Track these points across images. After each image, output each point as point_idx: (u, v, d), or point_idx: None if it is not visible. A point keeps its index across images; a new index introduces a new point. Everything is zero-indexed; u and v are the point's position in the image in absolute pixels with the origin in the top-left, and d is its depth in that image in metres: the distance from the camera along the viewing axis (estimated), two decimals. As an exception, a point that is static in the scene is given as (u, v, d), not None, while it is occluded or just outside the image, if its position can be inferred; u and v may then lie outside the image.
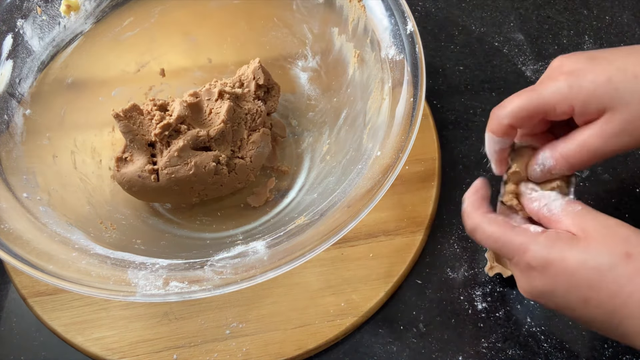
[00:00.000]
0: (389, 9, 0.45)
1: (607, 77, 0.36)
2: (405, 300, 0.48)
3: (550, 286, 0.35)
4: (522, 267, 0.36)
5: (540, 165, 0.40)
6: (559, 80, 0.37)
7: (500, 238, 0.37)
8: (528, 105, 0.38)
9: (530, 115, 0.39)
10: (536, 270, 0.35)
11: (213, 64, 0.57)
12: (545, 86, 0.38)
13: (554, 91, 0.37)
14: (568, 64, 0.38)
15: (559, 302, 0.36)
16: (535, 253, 0.35)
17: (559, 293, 0.35)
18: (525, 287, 0.37)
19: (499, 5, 0.65)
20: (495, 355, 0.45)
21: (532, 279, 0.36)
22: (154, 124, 0.46)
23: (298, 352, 0.45)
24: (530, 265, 0.36)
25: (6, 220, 0.38)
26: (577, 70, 0.37)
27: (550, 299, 0.36)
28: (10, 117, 0.44)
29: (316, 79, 0.55)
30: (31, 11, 0.47)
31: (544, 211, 0.38)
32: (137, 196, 0.48)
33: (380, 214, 0.50)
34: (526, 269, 0.36)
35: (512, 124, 0.39)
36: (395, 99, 0.42)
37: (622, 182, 0.53)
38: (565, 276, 0.35)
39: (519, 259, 0.36)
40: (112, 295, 0.35)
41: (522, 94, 0.39)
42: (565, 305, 0.35)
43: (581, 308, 0.35)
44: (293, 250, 0.37)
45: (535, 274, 0.36)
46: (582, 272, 0.34)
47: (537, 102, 0.38)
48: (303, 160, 0.53)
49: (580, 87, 0.36)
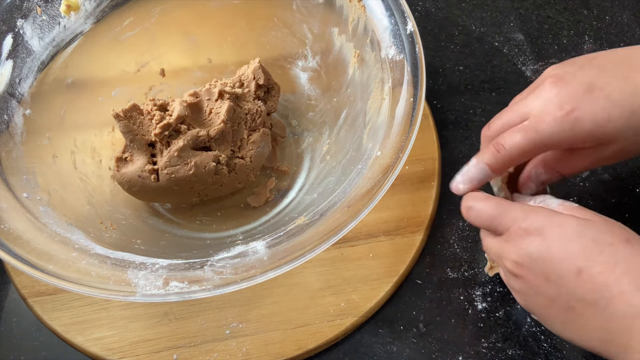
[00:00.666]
0: (389, 9, 0.45)
1: (606, 117, 0.36)
2: (405, 300, 0.48)
3: (546, 252, 0.34)
4: (518, 233, 0.36)
5: (535, 181, 0.42)
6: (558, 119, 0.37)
7: (499, 209, 0.37)
8: (532, 148, 0.38)
9: (534, 155, 0.40)
10: (534, 234, 0.35)
11: (213, 64, 0.57)
12: (544, 125, 0.37)
13: (556, 133, 0.37)
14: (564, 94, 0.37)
15: (550, 271, 0.34)
16: (535, 218, 0.35)
17: (554, 260, 0.34)
18: (516, 254, 0.36)
19: (499, 5, 0.65)
20: (495, 355, 0.45)
21: (528, 244, 0.35)
22: (154, 124, 0.46)
23: (298, 352, 0.45)
24: (527, 230, 0.35)
25: (6, 220, 0.38)
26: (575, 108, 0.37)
27: (542, 267, 0.35)
28: (10, 117, 0.44)
29: (316, 79, 0.55)
30: (31, 11, 0.47)
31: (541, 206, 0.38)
32: (137, 196, 0.48)
33: (380, 214, 0.50)
34: (523, 234, 0.35)
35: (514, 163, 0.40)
36: (395, 99, 0.42)
37: (622, 182, 0.53)
38: (562, 242, 0.34)
39: (516, 226, 0.36)
40: (112, 295, 0.35)
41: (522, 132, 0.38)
42: (556, 276, 0.34)
43: (572, 280, 0.34)
44: (293, 250, 0.37)
45: (532, 238, 0.35)
46: (581, 241, 0.34)
47: (541, 145, 0.38)
48: (303, 160, 0.53)
49: (582, 128, 0.37)
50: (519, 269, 0.36)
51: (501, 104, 0.58)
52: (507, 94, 0.59)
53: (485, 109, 0.57)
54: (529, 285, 0.36)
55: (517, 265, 0.36)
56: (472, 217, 0.39)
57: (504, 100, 0.58)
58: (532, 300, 0.37)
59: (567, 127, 0.37)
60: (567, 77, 0.38)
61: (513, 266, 0.36)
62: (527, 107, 0.39)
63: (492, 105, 0.58)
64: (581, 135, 0.37)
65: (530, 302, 0.37)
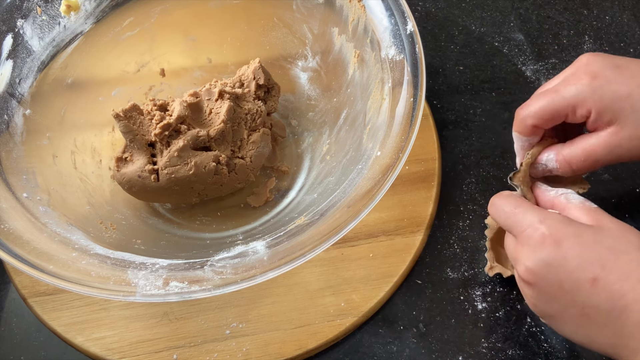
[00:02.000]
0: (389, 9, 0.45)
1: (627, 92, 0.37)
2: (405, 300, 0.48)
3: (561, 260, 0.35)
4: (534, 238, 0.36)
5: (543, 165, 0.42)
6: (582, 82, 0.38)
7: (517, 210, 0.38)
8: (551, 106, 0.39)
9: (553, 116, 0.40)
10: (549, 241, 0.35)
11: (213, 64, 0.57)
12: (567, 87, 0.39)
13: (575, 93, 0.38)
14: (595, 65, 0.39)
15: (564, 279, 0.34)
16: (551, 225, 0.35)
17: (569, 268, 0.34)
18: (531, 261, 0.36)
19: (499, 5, 0.65)
20: (495, 355, 0.45)
21: (543, 251, 0.35)
22: (154, 124, 0.46)
23: (298, 352, 0.45)
24: (544, 235, 0.35)
25: (6, 220, 0.38)
26: (601, 76, 0.38)
27: (556, 275, 0.35)
28: (10, 117, 0.44)
29: (316, 79, 0.55)
30: (31, 11, 0.47)
31: (562, 199, 0.39)
32: (137, 196, 0.48)
33: (380, 214, 0.50)
34: (539, 240, 0.35)
35: (536, 125, 0.40)
36: (395, 99, 0.42)
37: (622, 182, 0.53)
38: (578, 250, 0.34)
39: (533, 229, 0.36)
40: (112, 295, 0.35)
41: (545, 94, 0.40)
42: (570, 284, 0.34)
43: (587, 288, 0.34)
44: (293, 250, 0.37)
45: (547, 245, 0.35)
46: (597, 248, 0.34)
47: (560, 104, 0.39)
48: (303, 160, 0.53)
49: (602, 94, 0.38)
50: (532, 276, 0.36)
51: (501, 104, 0.58)
52: (507, 94, 0.59)
53: (485, 109, 0.57)
54: (542, 292, 0.36)
55: (531, 272, 0.36)
56: (493, 213, 0.40)
57: (504, 100, 0.58)
58: (544, 307, 0.37)
59: (589, 90, 0.38)
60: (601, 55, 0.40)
61: (526, 272, 0.36)
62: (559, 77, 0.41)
63: (492, 105, 0.58)
64: (599, 103, 0.38)
65: (542, 308, 0.37)
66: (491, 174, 0.54)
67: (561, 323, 0.37)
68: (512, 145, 0.44)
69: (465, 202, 0.52)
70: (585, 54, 0.41)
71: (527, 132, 0.41)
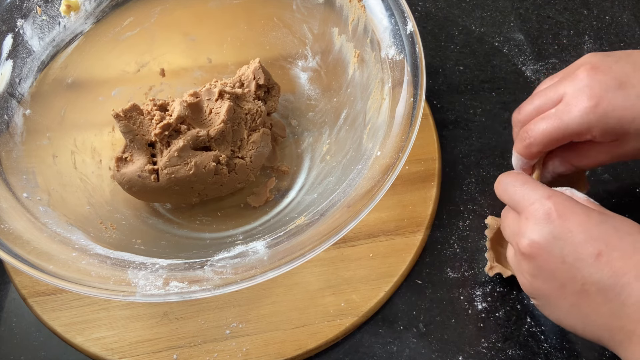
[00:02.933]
0: (389, 9, 0.45)
1: (632, 117, 0.38)
2: (405, 300, 0.48)
3: (567, 232, 0.35)
4: (542, 211, 0.36)
5: (551, 172, 0.44)
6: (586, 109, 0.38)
7: (525, 187, 0.38)
8: (556, 134, 0.40)
9: (558, 142, 0.41)
10: (556, 214, 0.35)
11: (213, 64, 0.57)
12: (571, 114, 0.39)
13: (580, 122, 0.39)
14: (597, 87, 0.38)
15: (568, 253, 0.35)
16: (560, 200, 0.36)
17: (575, 241, 0.35)
18: (537, 233, 0.36)
19: (499, 5, 0.65)
20: (495, 355, 0.45)
21: (549, 223, 0.35)
22: (154, 124, 0.46)
23: (298, 352, 0.45)
24: (551, 209, 0.36)
25: (6, 220, 0.38)
26: (605, 101, 0.38)
27: (561, 248, 0.35)
28: (10, 117, 0.44)
29: (316, 79, 0.55)
30: (31, 11, 0.47)
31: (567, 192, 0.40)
32: (137, 196, 0.48)
33: (380, 214, 0.50)
34: (546, 213, 0.36)
35: (541, 151, 0.42)
36: (395, 99, 0.42)
37: (622, 182, 0.53)
38: (585, 226, 0.35)
39: (540, 204, 0.36)
40: (112, 295, 0.35)
41: (548, 119, 0.40)
42: (574, 257, 0.35)
43: (591, 263, 0.34)
44: (293, 250, 0.37)
45: (554, 217, 0.35)
46: (603, 227, 0.35)
47: (564, 132, 0.39)
48: (303, 160, 0.53)
49: (606, 122, 0.38)
50: (535, 248, 0.36)
51: (501, 104, 0.58)
52: (507, 94, 0.59)
53: (485, 109, 0.57)
54: (542, 267, 0.36)
55: (534, 245, 0.36)
56: (500, 190, 0.41)
57: (504, 100, 0.58)
58: (541, 284, 0.37)
59: (593, 118, 0.38)
60: (603, 68, 0.39)
61: (529, 245, 0.36)
62: (558, 92, 0.40)
63: (492, 105, 0.58)
64: (604, 130, 0.38)
65: (538, 285, 0.37)
66: (491, 174, 0.54)
67: (555, 303, 0.37)
68: (512, 145, 0.44)
69: (465, 202, 0.52)
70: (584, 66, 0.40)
71: (530, 157, 0.42)
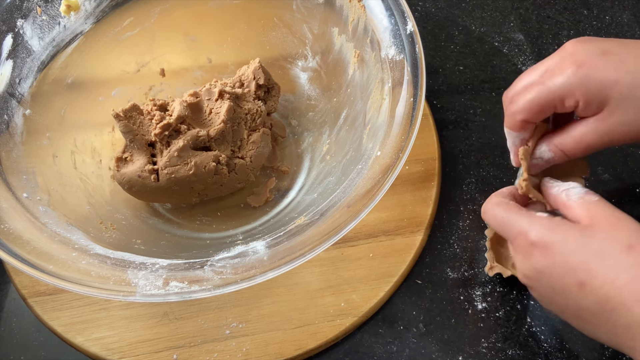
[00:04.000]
0: (389, 9, 0.45)
1: (615, 80, 0.37)
2: (405, 300, 0.48)
3: (549, 266, 0.35)
4: (524, 246, 0.37)
5: (539, 158, 0.42)
6: (568, 72, 0.38)
7: (507, 218, 0.38)
8: (538, 99, 0.39)
9: (541, 109, 0.39)
10: (537, 248, 0.36)
11: (213, 64, 0.57)
12: (553, 78, 0.38)
13: (562, 84, 0.38)
14: (580, 53, 0.38)
15: (555, 284, 0.36)
16: (538, 232, 0.36)
17: (557, 274, 0.35)
18: (525, 267, 0.37)
19: (499, 5, 0.65)
20: (495, 355, 0.45)
21: (532, 258, 0.36)
22: (154, 124, 0.46)
23: (298, 352, 0.45)
24: (533, 243, 0.36)
25: (6, 220, 0.38)
26: (588, 64, 0.37)
27: (547, 280, 0.36)
28: (10, 117, 0.44)
29: (316, 79, 0.55)
30: (31, 11, 0.47)
31: (563, 196, 0.39)
32: (137, 196, 0.48)
33: (380, 214, 0.50)
34: (528, 248, 0.36)
35: (526, 119, 0.40)
36: (395, 99, 0.42)
37: (622, 182, 0.53)
38: (564, 256, 0.35)
39: (523, 238, 0.37)
40: (112, 295, 0.35)
41: (531, 88, 0.39)
42: (561, 289, 0.35)
43: (576, 293, 0.34)
44: (293, 250, 0.37)
45: (536, 252, 0.36)
46: (581, 254, 0.34)
47: (547, 96, 0.39)
48: (303, 160, 0.53)
49: (589, 84, 0.37)
50: (529, 280, 0.38)
51: (501, 104, 0.58)
52: (507, 94, 0.58)
53: (485, 109, 0.57)
54: (541, 295, 0.38)
55: (527, 277, 0.38)
56: (486, 220, 0.41)
57: (504, 100, 0.58)
58: (547, 306, 0.39)
59: (576, 80, 0.37)
60: (588, 40, 0.39)
61: (523, 277, 0.38)
62: (544, 65, 0.40)
63: (492, 105, 0.58)
64: (587, 93, 0.37)
65: (546, 306, 0.39)
66: (491, 174, 0.54)
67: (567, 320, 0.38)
68: (512, 145, 0.44)
69: (465, 202, 0.52)
70: (570, 41, 0.40)
71: (517, 128, 0.41)
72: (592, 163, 0.53)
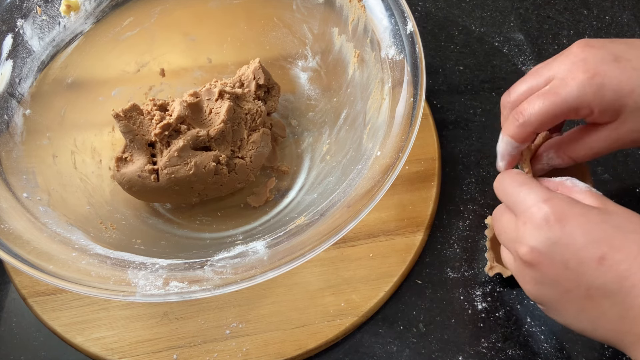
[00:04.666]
0: (389, 8, 0.45)
1: (630, 89, 0.36)
2: (405, 300, 0.48)
3: (567, 237, 0.33)
4: (539, 216, 0.34)
5: (545, 164, 0.42)
6: (582, 81, 0.37)
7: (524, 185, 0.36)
8: (553, 110, 0.37)
9: (555, 120, 0.38)
10: (554, 218, 0.34)
11: (213, 64, 0.57)
12: (567, 88, 0.37)
13: (577, 95, 0.37)
14: (592, 60, 0.37)
15: (569, 259, 0.33)
16: (557, 203, 0.34)
17: (575, 246, 0.33)
18: (536, 239, 0.34)
19: (499, 5, 0.65)
20: (495, 355, 0.45)
21: (547, 229, 0.34)
22: (154, 124, 0.46)
23: (298, 352, 0.45)
24: (548, 214, 0.34)
25: (6, 220, 0.38)
26: (602, 73, 0.36)
27: (561, 254, 0.34)
28: (10, 117, 0.44)
29: (316, 79, 0.55)
30: (31, 11, 0.47)
31: (567, 183, 0.38)
32: (137, 196, 0.48)
33: (380, 214, 0.50)
34: (544, 218, 0.34)
35: (538, 131, 0.39)
36: (395, 99, 0.42)
37: (622, 182, 0.53)
38: (585, 228, 0.33)
39: (538, 208, 0.35)
40: (112, 295, 0.35)
41: (544, 96, 0.38)
42: (576, 263, 0.33)
43: (594, 267, 0.33)
44: (293, 250, 0.37)
45: (552, 222, 0.34)
46: (604, 227, 0.33)
47: (562, 108, 0.37)
48: (303, 160, 0.53)
49: (604, 94, 0.36)
50: (536, 255, 0.35)
51: (501, 104, 0.58)
52: (507, 94, 0.59)
53: (485, 109, 0.57)
54: (545, 274, 0.35)
55: (534, 252, 0.35)
56: (499, 190, 0.39)
57: (504, 100, 0.58)
58: (546, 291, 0.36)
59: (590, 91, 0.36)
60: (597, 45, 0.38)
61: (529, 252, 0.35)
62: (552, 70, 0.39)
63: (492, 105, 0.58)
64: (602, 103, 0.36)
65: (543, 292, 0.36)
66: (491, 174, 0.54)
67: (562, 308, 0.36)
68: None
69: (465, 202, 0.52)
70: (577, 44, 0.39)
71: (522, 139, 0.40)
72: (592, 163, 0.53)
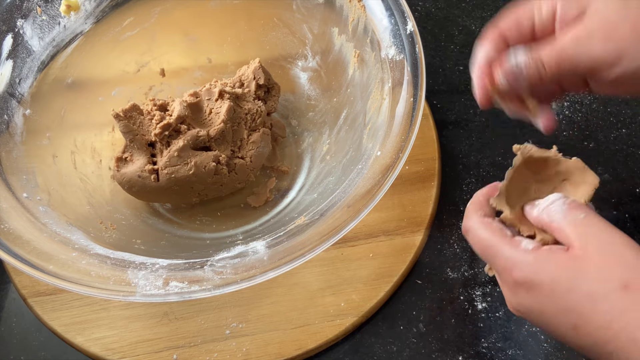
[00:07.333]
0: (389, 8, 0.45)
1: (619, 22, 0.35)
2: (405, 300, 0.48)
3: (539, 307, 0.33)
4: (509, 283, 0.34)
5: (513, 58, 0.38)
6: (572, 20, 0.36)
7: (490, 248, 0.35)
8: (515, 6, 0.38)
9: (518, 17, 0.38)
10: (523, 288, 0.33)
11: (213, 64, 0.57)
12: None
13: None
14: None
15: (547, 322, 0.33)
16: (522, 272, 0.33)
17: (548, 314, 0.33)
18: (513, 303, 0.35)
19: (499, 5, 0.65)
20: (495, 355, 0.45)
21: (520, 297, 0.34)
22: (154, 124, 0.46)
23: (298, 352, 0.45)
24: (518, 283, 0.33)
25: (6, 220, 0.38)
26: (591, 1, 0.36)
27: (539, 319, 0.34)
28: (10, 117, 0.44)
29: (316, 79, 0.55)
30: (31, 11, 0.47)
31: (544, 217, 0.35)
32: (137, 196, 0.48)
33: (380, 214, 0.50)
34: (513, 286, 0.34)
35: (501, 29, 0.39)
36: (395, 99, 0.42)
37: (622, 182, 0.53)
38: (554, 299, 0.32)
39: (506, 275, 0.34)
40: (112, 295, 0.35)
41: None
42: (554, 327, 0.33)
43: (571, 334, 0.32)
44: (293, 250, 0.37)
45: (522, 292, 0.33)
46: (573, 297, 0.32)
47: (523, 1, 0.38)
48: (303, 160, 0.53)
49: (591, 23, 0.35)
50: (519, 314, 0.35)
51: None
52: (507, 94, 0.58)
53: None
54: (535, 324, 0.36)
55: (517, 312, 0.35)
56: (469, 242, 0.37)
57: (504, 100, 0.58)
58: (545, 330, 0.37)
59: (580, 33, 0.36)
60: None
61: (512, 309, 0.35)
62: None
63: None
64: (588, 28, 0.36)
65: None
66: (491, 174, 0.54)
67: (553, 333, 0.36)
68: (512, 144, 0.44)
69: (465, 202, 0.52)
70: None
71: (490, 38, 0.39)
72: (592, 163, 0.53)
